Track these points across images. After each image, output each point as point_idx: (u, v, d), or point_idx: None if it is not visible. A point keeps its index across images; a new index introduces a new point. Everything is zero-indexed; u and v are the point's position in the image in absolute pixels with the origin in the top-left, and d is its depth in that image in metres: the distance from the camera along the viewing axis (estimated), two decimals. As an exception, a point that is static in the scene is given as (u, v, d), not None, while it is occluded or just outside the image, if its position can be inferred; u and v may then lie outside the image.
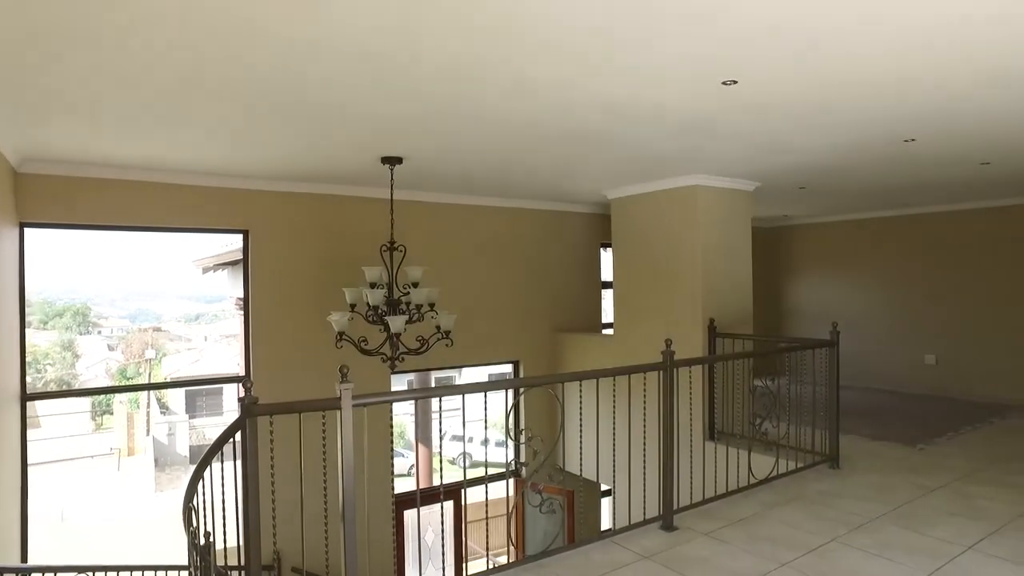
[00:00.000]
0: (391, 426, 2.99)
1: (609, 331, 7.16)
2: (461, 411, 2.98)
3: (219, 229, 5.71)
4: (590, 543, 3.43)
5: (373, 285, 4.73)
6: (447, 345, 4.78)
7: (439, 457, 3.29)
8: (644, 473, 3.77)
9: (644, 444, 3.75)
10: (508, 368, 7.58)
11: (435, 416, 11.50)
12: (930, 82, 3.09)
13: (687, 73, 2.94)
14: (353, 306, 4.75)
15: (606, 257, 7.92)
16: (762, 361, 5.55)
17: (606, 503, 7.78)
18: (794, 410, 4.75)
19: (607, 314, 7.80)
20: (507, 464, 3.24)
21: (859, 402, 7.48)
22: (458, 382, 8.80)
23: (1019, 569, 3.07)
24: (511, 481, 7.16)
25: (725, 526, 3.65)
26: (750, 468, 4.26)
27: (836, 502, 4.00)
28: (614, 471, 3.71)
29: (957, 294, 7.78)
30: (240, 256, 5.77)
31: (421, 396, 2.96)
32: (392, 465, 3.58)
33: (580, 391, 3.36)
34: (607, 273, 7.78)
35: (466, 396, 3.03)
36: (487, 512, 3.20)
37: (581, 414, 3.43)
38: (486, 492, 3.22)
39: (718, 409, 5.45)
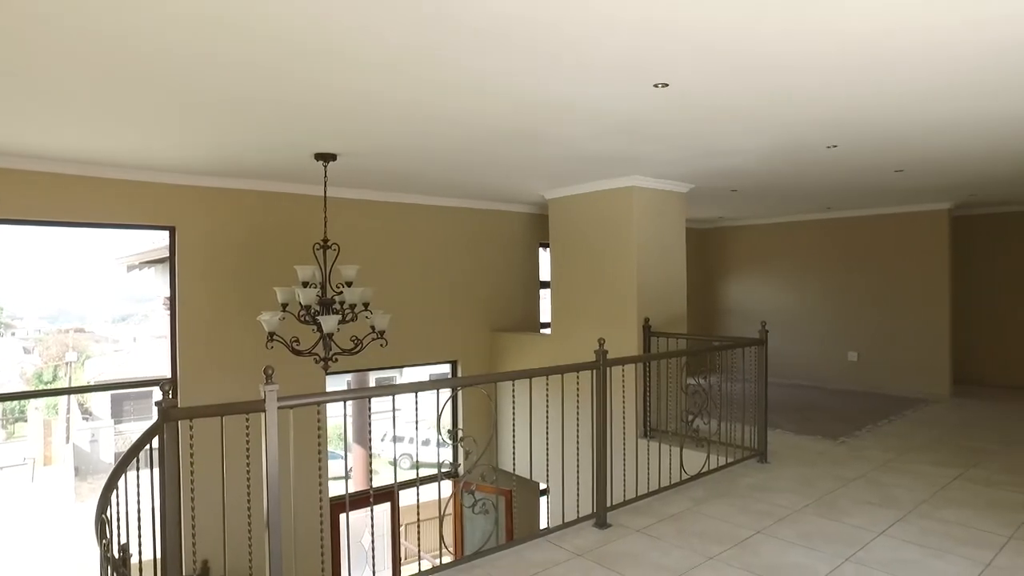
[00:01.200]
0: (319, 428, 2.91)
1: (548, 331, 7.20)
2: (392, 412, 2.93)
3: (143, 225, 5.43)
4: (524, 542, 3.44)
5: (306, 284, 4.61)
6: (381, 345, 4.71)
7: (371, 459, 3.24)
8: (577, 471, 3.81)
9: (577, 443, 3.79)
10: (447, 368, 7.53)
11: (372, 417, 11.33)
12: (850, 90, 3.23)
13: (619, 75, 2.98)
14: (285, 305, 4.61)
15: (545, 257, 7.97)
16: (696, 359, 5.70)
17: (546, 501, 7.83)
18: (725, 407, 4.90)
19: (546, 314, 7.85)
20: (439, 464, 3.21)
21: (787, 398, 7.78)
22: (399, 383, 8.68)
23: (922, 550, 3.27)
24: (449, 482, 7.15)
25: (657, 522, 3.72)
26: (682, 465, 4.36)
27: (763, 495, 4.14)
28: (546, 470, 3.74)
29: (876, 294, 8.20)
30: (167, 254, 5.53)
31: (350, 397, 2.88)
32: (321, 468, 3.50)
33: (513, 391, 3.36)
34: (546, 273, 7.83)
35: (398, 397, 2.99)
36: (418, 514, 3.16)
37: (514, 414, 3.44)
38: (417, 494, 3.18)
39: (653, 407, 5.56)
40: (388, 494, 7.28)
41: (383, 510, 7.14)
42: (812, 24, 2.41)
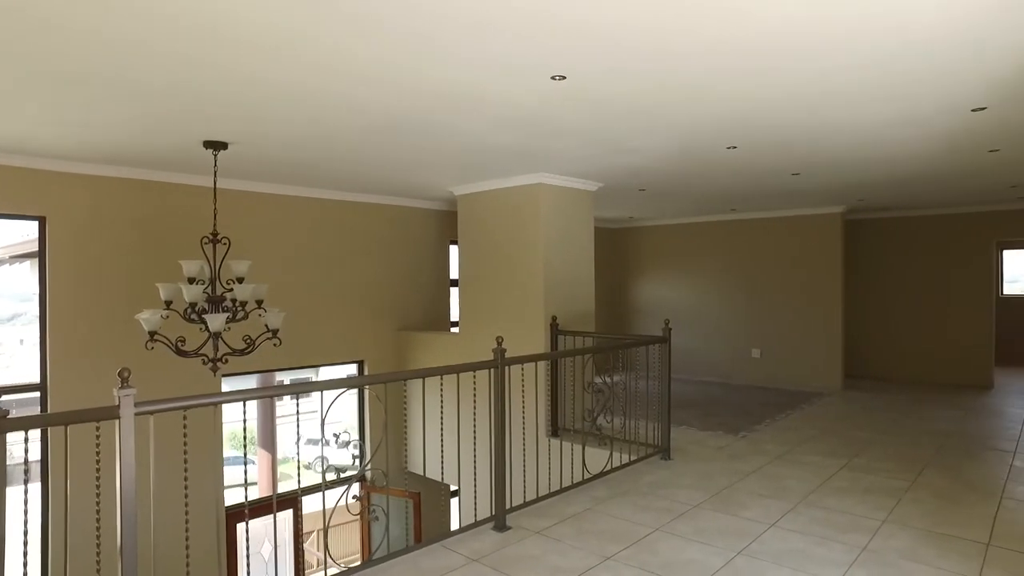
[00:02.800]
0: (185, 434, 2.64)
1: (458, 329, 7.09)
2: (296, 416, 2.72)
3: (7, 215, 4.92)
4: (420, 548, 3.31)
5: (192, 280, 4.30)
6: (275, 345, 4.45)
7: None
8: (475, 473, 3.72)
9: (475, 444, 3.69)
10: (354, 368, 7.27)
11: (279, 420, 10.85)
12: (747, 90, 3.28)
13: (516, 66, 2.90)
14: (169, 303, 4.28)
15: (456, 254, 7.84)
16: (605, 357, 5.74)
17: (457, 503, 7.70)
18: (631, 405, 4.93)
19: (457, 312, 7.72)
20: (323, 471, 3.02)
21: (694, 394, 7.99)
22: (296, 384, 8.32)
23: (807, 539, 3.38)
24: (356, 486, 6.91)
25: (557, 523, 3.67)
26: (584, 464, 4.34)
27: (664, 492, 4.17)
28: (441, 470, 3.62)
29: (778, 293, 8.56)
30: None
31: (223, 400, 2.63)
32: (188, 480, 3.23)
33: (404, 391, 3.22)
34: (457, 271, 7.71)
35: (313, 398, 2.79)
36: (296, 526, 2.96)
37: (404, 414, 3.30)
38: (296, 505, 2.98)
39: (560, 406, 5.54)
40: (292, 500, 6.98)
41: (285, 517, 6.82)
42: (709, 29, 2.41)
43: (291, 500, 6.74)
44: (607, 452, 4.57)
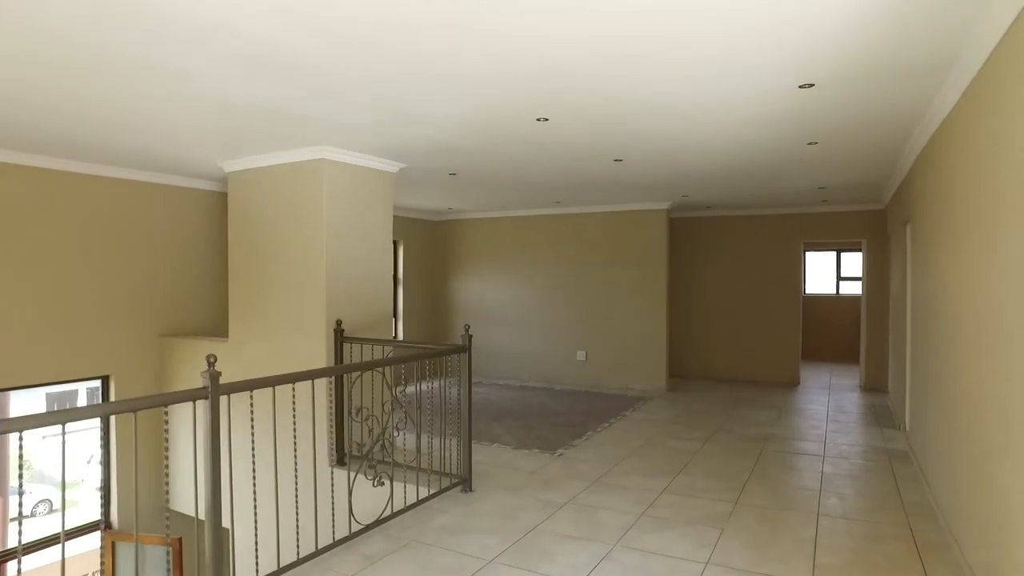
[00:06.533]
0: None
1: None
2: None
3: None
4: None
5: None
6: None
7: None
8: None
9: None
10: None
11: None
12: (547, 40, 2.52)
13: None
14: None
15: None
16: (404, 368, 4.84)
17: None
18: (433, 424, 4.07)
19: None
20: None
21: (514, 402, 7.32)
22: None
23: (623, 610, 2.69)
24: (100, 533, 5.43)
25: (302, 605, 2.70)
26: (351, 512, 3.38)
27: (454, 541, 3.34)
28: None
29: (603, 292, 8.19)
30: None
31: None
32: None
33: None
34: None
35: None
36: None
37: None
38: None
39: (348, 428, 4.55)
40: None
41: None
42: None
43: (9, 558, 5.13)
44: (399, 486, 3.67)
